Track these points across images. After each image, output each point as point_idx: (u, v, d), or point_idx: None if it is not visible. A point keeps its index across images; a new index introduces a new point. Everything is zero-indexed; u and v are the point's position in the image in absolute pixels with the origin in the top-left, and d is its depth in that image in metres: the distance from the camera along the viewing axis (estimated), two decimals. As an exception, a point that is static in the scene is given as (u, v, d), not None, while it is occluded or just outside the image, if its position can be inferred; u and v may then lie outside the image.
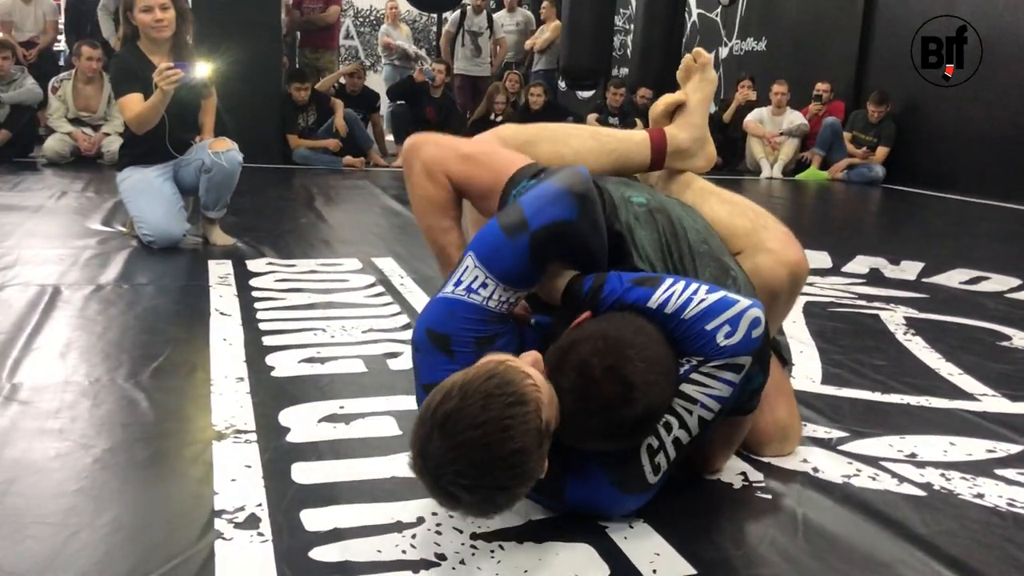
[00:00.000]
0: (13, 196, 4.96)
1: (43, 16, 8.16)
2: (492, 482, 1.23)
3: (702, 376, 1.39)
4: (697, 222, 1.69)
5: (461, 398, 1.23)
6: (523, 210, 1.45)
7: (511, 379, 1.26)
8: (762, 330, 1.40)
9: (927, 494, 1.65)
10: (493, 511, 1.31)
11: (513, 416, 1.23)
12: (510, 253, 1.43)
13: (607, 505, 1.45)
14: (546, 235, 1.42)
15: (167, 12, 3.52)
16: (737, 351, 1.37)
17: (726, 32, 10.75)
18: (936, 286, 3.58)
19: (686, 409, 1.40)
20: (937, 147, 7.77)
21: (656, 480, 1.43)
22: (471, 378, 1.26)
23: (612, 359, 1.32)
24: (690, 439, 1.42)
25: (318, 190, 5.91)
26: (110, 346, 2.37)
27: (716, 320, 1.38)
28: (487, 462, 1.21)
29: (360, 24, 14.42)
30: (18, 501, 1.48)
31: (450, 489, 1.24)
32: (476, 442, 1.21)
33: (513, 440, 1.22)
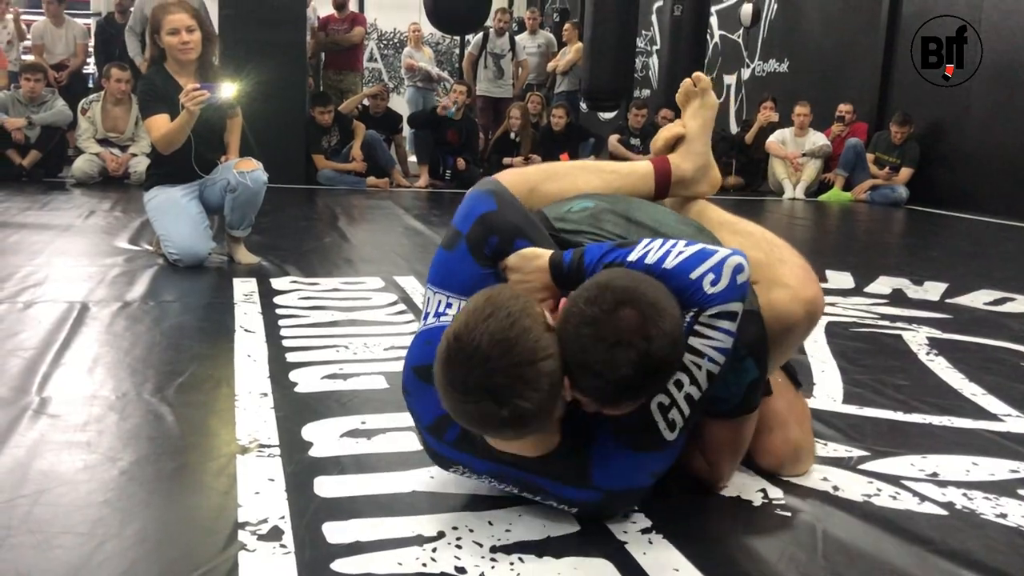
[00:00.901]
0: (43, 215, 5.05)
1: (74, 39, 8.33)
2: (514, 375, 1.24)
3: (702, 327, 1.39)
4: (658, 212, 1.72)
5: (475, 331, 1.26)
6: (454, 223, 1.55)
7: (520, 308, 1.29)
8: (746, 277, 1.40)
9: (949, 513, 1.65)
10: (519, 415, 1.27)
11: (526, 319, 1.27)
12: (457, 263, 1.51)
13: (632, 473, 1.44)
14: (479, 231, 1.51)
15: (193, 34, 3.59)
16: (727, 298, 1.39)
17: (748, 53, 10.77)
18: (960, 307, 3.56)
19: (695, 363, 1.39)
20: (961, 168, 7.72)
21: (674, 436, 1.42)
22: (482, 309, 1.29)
23: (607, 295, 1.30)
24: (701, 395, 1.41)
25: (341, 210, 5.97)
26: (136, 362, 2.40)
27: (699, 269, 1.39)
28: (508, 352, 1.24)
29: (384, 47, 14.58)
30: (46, 512, 1.51)
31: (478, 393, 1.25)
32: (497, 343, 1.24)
33: (528, 332, 1.26)
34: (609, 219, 1.63)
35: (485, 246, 1.50)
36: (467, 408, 1.28)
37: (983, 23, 7.33)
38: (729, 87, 11.18)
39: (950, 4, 7.56)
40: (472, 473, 1.52)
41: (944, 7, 7.58)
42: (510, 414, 1.25)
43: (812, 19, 9.54)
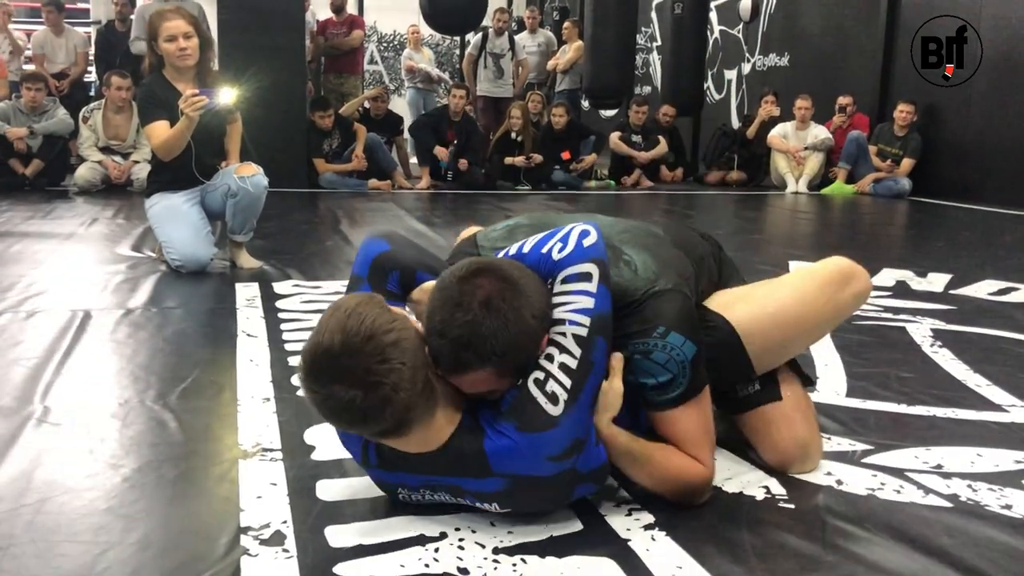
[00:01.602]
0: (46, 224, 5.06)
1: (74, 48, 8.35)
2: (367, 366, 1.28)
3: (558, 297, 1.44)
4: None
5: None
6: (353, 270, 1.62)
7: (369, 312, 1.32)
8: (595, 240, 1.47)
9: (953, 505, 1.64)
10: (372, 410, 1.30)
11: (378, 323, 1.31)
12: None
13: (527, 458, 1.40)
14: (376, 272, 1.59)
15: (191, 40, 3.59)
16: (573, 259, 1.45)
17: (748, 48, 10.75)
18: (963, 298, 3.55)
19: (559, 333, 1.42)
20: (963, 159, 7.70)
21: (560, 412, 1.39)
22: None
23: (480, 266, 1.40)
24: (577, 362, 1.41)
25: (343, 213, 5.97)
26: (139, 368, 2.41)
27: (548, 243, 1.48)
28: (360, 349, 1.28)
29: (384, 49, 14.59)
30: (49, 520, 1.51)
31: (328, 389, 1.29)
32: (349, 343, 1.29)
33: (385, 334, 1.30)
34: (521, 234, 1.66)
35: (387, 282, 1.58)
36: (330, 404, 1.30)
37: (983, 15, 7.31)
38: (730, 82, 11.16)
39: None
40: (410, 492, 1.50)
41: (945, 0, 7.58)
42: (367, 397, 1.28)
43: (811, 13, 9.52)
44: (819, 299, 1.74)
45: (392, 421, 1.32)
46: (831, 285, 1.76)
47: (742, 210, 7.21)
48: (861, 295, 1.81)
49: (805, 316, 1.74)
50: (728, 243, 2.19)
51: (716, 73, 11.38)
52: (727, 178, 8.92)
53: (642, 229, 1.75)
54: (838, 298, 1.76)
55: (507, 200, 7.18)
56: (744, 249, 4.59)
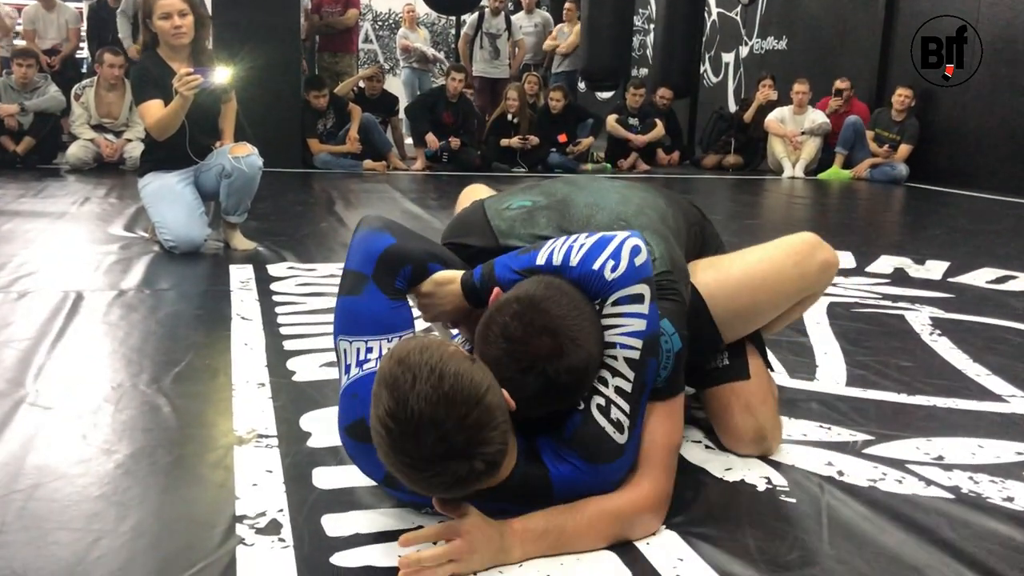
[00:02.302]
0: (37, 202, 5.01)
1: (66, 24, 8.25)
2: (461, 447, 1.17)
3: (609, 319, 1.39)
4: (600, 196, 1.70)
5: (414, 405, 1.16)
6: (352, 268, 1.49)
7: (450, 363, 1.19)
8: (644, 258, 1.41)
9: (955, 497, 1.63)
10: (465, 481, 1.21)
11: (462, 382, 1.18)
12: (367, 306, 1.45)
13: (596, 485, 1.39)
14: (384, 267, 1.46)
15: (185, 18, 3.54)
16: (628, 281, 1.39)
17: (746, 31, 10.69)
18: (962, 285, 3.53)
19: (611, 356, 1.38)
20: (961, 145, 7.68)
21: (625, 439, 1.38)
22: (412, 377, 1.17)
23: (531, 315, 1.32)
24: (632, 385, 1.38)
25: (338, 194, 5.93)
26: (132, 351, 2.38)
27: (600, 258, 1.40)
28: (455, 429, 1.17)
29: (379, 28, 14.47)
30: (41, 507, 1.49)
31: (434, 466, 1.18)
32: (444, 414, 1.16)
33: (475, 398, 1.18)
34: (543, 219, 1.63)
35: (397, 278, 1.47)
36: (438, 480, 1.19)
37: (982, 1, 7.28)
38: (727, 65, 11.11)
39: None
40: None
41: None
42: (484, 464, 1.19)
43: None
44: (785, 264, 1.74)
45: (496, 477, 1.26)
46: (798, 254, 1.75)
47: (738, 194, 7.18)
48: (827, 266, 1.78)
49: (771, 281, 1.73)
50: (724, 228, 2.18)
51: (714, 56, 11.32)
52: (723, 162, 8.89)
53: (654, 209, 1.71)
54: (804, 265, 1.75)
55: (503, 182, 7.14)
56: (740, 234, 4.57)
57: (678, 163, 9.09)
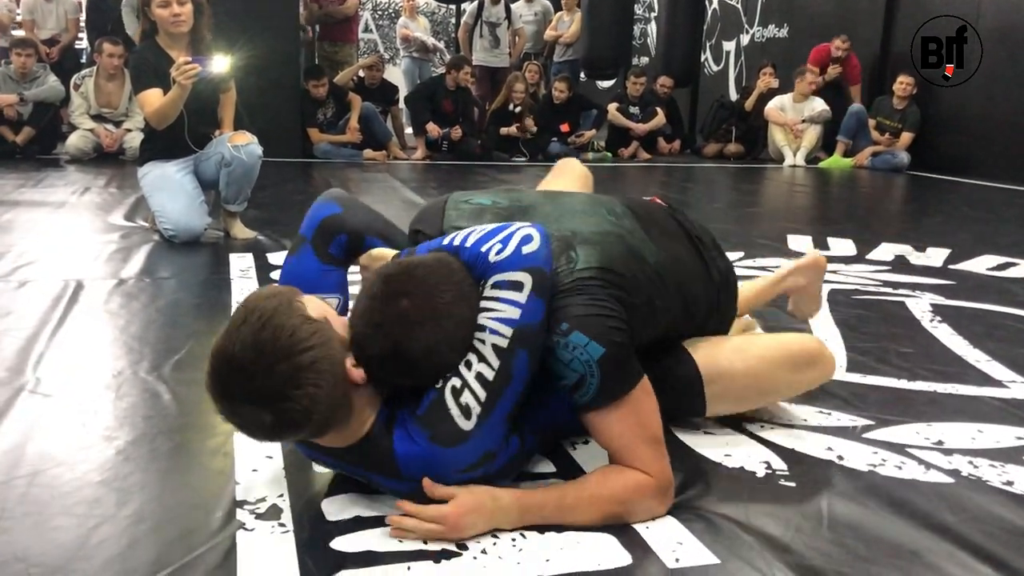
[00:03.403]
0: (37, 192, 5.01)
1: (65, 14, 8.22)
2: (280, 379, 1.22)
3: (486, 301, 1.36)
4: (561, 211, 1.65)
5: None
6: (299, 230, 1.56)
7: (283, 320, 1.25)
8: (535, 248, 1.38)
9: (955, 481, 1.63)
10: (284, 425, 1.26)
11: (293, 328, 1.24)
12: (297, 265, 1.51)
13: (439, 464, 1.35)
14: (321, 233, 1.52)
15: (184, 7, 3.53)
16: (507, 266, 1.36)
17: (747, 19, 10.65)
18: (963, 272, 3.53)
19: (479, 340, 1.34)
20: (963, 133, 7.66)
21: (472, 426, 1.33)
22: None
23: (397, 278, 1.34)
24: (495, 374, 1.33)
25: (338, 183, 5.92)
26: (132, 339, 2.38)
27: (490, 242, 1.40)
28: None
29: (379, 17, 14.43)
30: (43, 493, 1.49)
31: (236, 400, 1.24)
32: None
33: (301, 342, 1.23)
34: (488, 218, 1.62)
35: (332, 244, 1.52)
36: (236, 420, 1.26)
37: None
38: (728, 53, 11.07)
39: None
40: (332, 467, 1.49)
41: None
42: (275, 419, 1.23)
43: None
44: (782, 369, 1.80)
45: (304, 435, 1.31)
46: (798, 366, 1.81)
47: (739, 183, 7.18)
48: (822, 379, 1.88)
49: (765, 383, 1.79)
50: (725, 216, 2.18)
51: (714, 44, 11.28)
52: (724, 150, 8.88)
53: (618, 228, 1.63)
54: (799, 378, 1.83)
55: (503, 171, 7.13)
56: (742, 222, 4.56)
57: (679, 152, 9.07)
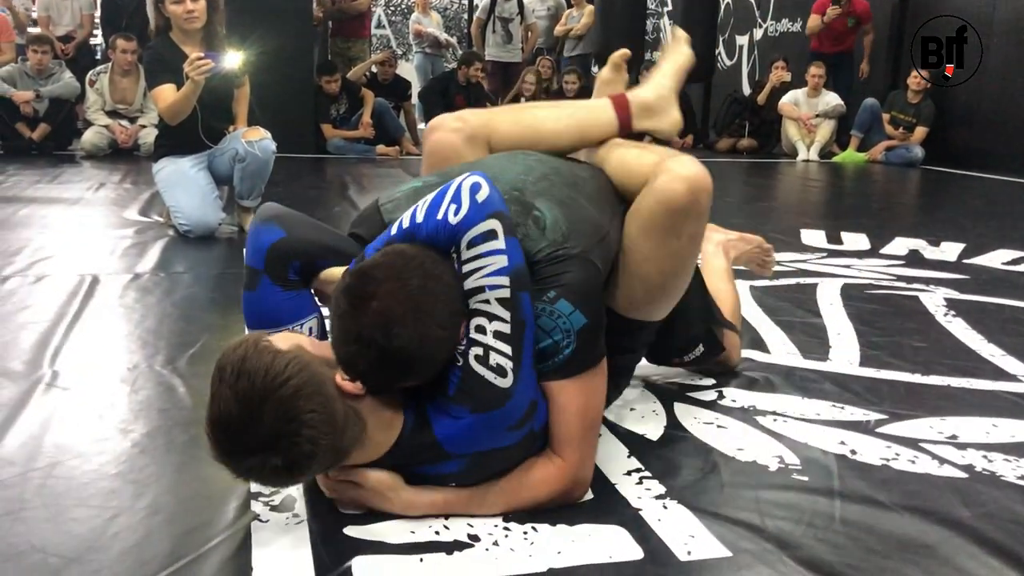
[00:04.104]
0: (53, 188, 5.04)
1: (79, 10, 8.27)
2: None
3: (469, 263, 1.31)
4: (502, 170, 1.55)
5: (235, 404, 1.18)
6: (247, 263, 1.47)
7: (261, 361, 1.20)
8: (487, 193, 1.33)
9: (969, 476, 1.62)
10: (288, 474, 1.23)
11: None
12: (263, 299, 1.45)
13: (487, 435, 1.34)
14: (274, 261, 1.45)
15: (198, 3, 3.55)
16: (473, 218, 1.31)
17: (760, 13, 10.61)
18: (977, 267, 3.51)
19: (483, 301, 1.31)
20: (977, 127, 7.62)
21: (511, 382, 1.32)
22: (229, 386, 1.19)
23: (356, 286, 1.27)
24: (510, 325, 1.31)
25: (351, 179, 5.94)
26: (148, 333, 2.40)
27: (442, 207, 1.33)
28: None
29: (391, 13, 14.46)
30: (60, 484, 1.50)
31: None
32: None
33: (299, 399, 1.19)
34: (428, 191, 1.52)
35: (288, 271, 1.46)
36: (252, 476, 1.23)
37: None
38: (741, 48, 11.03)
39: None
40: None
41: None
42: (285, 459, 1.19)
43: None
44: (673, 246, 1.57)
45: (324, 464, 1.27)
46: (675, 229, 1.54)
47: (752, 177, 7.15)
48: (705, 210, 1.57)
49: (668, 268, 1.60)
50: (738, 211, 2.19)
51: (728, 39, 11.24)
52: (737, 145, 8.85)
53: (565, 175, 1.59)
54: (687, 232, 1.56)
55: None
56: (755, 217, 4.55)
57: (692, 146, 9.05)
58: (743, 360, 2.22)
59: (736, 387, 2.06)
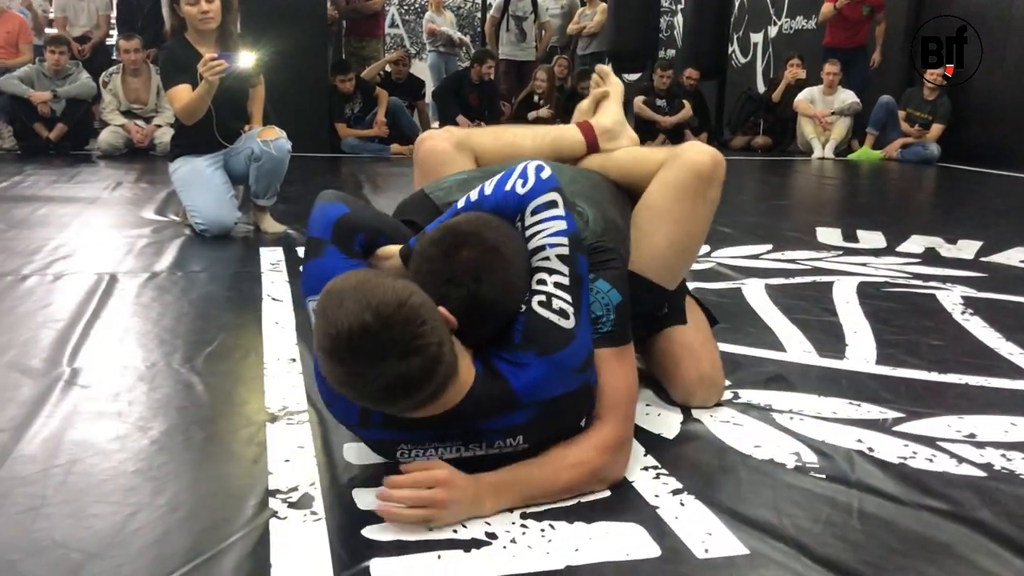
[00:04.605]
0: (70, 188, 5.08)
1: (96, 11, 8.31)
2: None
3: (532, 226, 1.47)
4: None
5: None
6: (312, 235, 1.57)
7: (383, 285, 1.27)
8: (549, 173, 1.52)
9: (987, 475, 1.62)
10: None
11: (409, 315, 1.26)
12: (329, 265, 1.51)
13: (554, 378, 1.41)
14: (341, 232, 1.55)
15: (212, 3, 3.56)
16: (538, 190, 1.49)
17: (775, 11, 10.56)
18: (995, 265, 3.49)
19: (543, 258, 1.46)
20: (994, 123, 7.56)
21: (573, 324, 1.43)
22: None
23: (448, 236, 1.41)
24: (568, 278, 1.45)
25: (365, 178, 5.95)
26: (165, 332, 2.41)
27: (509, 181, 1.51)
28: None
29: (405, 12, 14.46)
30: (80, 481, 1.52)
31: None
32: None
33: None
34: (477, 183, 1.67)
35: (353, 243, 1.55)
36: (381, 382, 1.24)
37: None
38: (756, 45, 10.99)
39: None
40: (416, 448, 1.46)
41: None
42: (423, 363, 1.24)
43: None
44: (699, 211, 1.80)
45: (437, 383, 1.30)
46: (700, 193, 1.79)
47: (767, 176, 7.13)
48: (723, 180, 1.84)
49: (694, 232, 1.81)
50: (753, 209, 2.19)
51: (742, 36, 11.20)
52: (752, 143, 8.82)
53: (586, 180, 1.79)
54: (709, 198, 1.81)
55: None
56: (770, 215, 4.53)
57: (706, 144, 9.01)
58: (759, 361, 2.21)
59: (752, 385, 2.06)
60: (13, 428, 1.72)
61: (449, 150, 1.88)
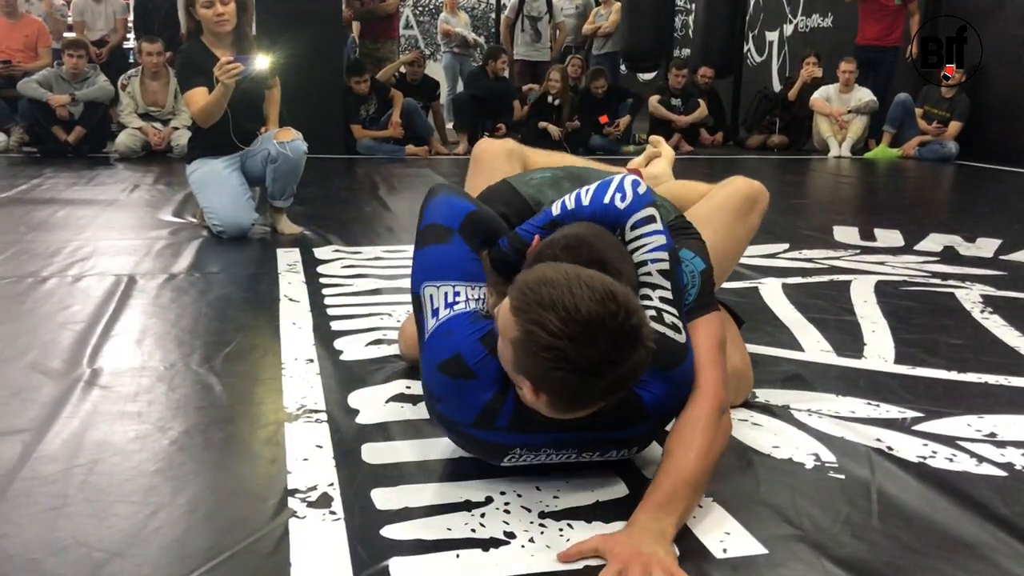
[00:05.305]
0: (88, 190, 5.11)
1: (113, 14, 8.37)
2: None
3: (634, 242, 1.53)
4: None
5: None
6: (438, 222, 1.57)
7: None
8: (645, 188, 1.59)
9: (1008, 474, 1.61)
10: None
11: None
12: (455, 253, 1.53)
13: (680, 389, 1.45)
14: (468, 226, 1.57)
15: (227, 6, 3.58)
16: (637, 206, 1.55)
17: (791, 9, 10.51)
18: (1014, 263, 3.46)
19: (646, 273, 1.50)
20: (1013, 121, 7.49)
21: (685, 338, 1.47)
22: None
23: (580, 248, 1.44)
24: (671, 292, 1.49)
25: (381, 179, 5.97)
26: (184, 333, 2.43)
27: (608, 194, 1.56)
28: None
29: (419, 13, 14.49)
30: (101, 481, 1.53)
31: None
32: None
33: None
34: (567, 184, 1.79)
35: (477, 237, 1.57)
36: (626, 369, 1.26)
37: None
38: (771, 44, 10.94)
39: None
40: (529, 453, 1.45)
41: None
42: (647, 352, 1.28)
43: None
44: (739, 230, 2.00)
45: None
46: (743, 214, 2.01)
47: (784, 174, 7.09)
48: (764, 211, 2.07)
49: (730, 249, 2.00)
50: (771, 208, 2.17)
51: (757, 35, 11.15)
52: (768, 142, 8.78)
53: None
54: (749, 222, 2.03)
55: (544, 165, 7.12)
56: (787, 214, 4.52)
57: (722, 143, 8.99)
58: (777, 360, 2.21)
59: (770, 385, 2.05)
60: (35, 428, 1.74)
61: (501, 154, 2.11)
